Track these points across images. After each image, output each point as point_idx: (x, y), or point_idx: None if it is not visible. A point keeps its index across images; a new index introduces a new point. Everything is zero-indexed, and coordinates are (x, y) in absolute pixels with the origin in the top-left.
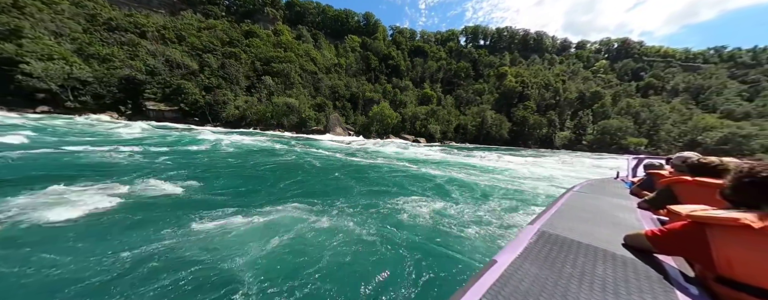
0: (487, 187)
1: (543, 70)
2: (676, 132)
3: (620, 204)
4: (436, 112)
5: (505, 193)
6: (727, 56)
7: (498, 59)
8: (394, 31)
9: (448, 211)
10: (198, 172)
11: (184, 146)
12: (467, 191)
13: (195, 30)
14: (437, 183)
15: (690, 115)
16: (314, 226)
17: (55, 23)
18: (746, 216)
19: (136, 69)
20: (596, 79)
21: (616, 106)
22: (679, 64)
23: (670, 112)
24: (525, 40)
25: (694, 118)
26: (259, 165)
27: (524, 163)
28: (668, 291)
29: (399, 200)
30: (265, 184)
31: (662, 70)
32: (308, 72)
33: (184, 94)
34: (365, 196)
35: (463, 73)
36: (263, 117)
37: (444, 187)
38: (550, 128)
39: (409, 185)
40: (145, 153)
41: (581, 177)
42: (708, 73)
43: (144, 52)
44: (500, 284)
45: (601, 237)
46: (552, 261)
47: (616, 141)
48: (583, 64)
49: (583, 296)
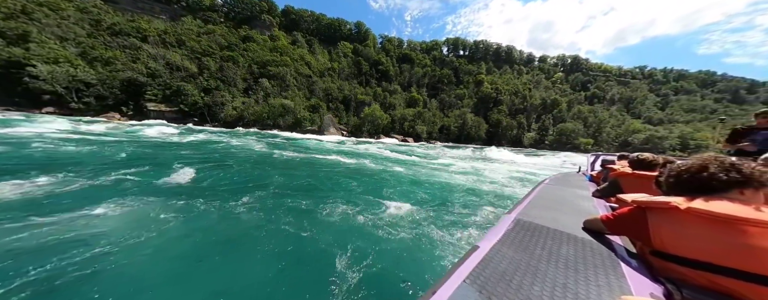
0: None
1: (513, 78)
2: (614, 134)
3: (581, 194)
4: (423, 114)
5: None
6: (647, 74)
7: (476, 68)
8: (384, 39)
9: (430, 204)
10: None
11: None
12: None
13: (195, 35)
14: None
15: (623, 120)
16: (309, 217)
17: (61, 28)
18: (675, 199)
19: (138, 71)
20: (555, 89)
21: (570, 112)
22: (615, 78)
23: (609, 117)
24: (498, 52)
25: (625, 123)
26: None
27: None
28: (616, 265)
29: (397, 193)
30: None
31: (603, 83)
32: (303, 75)
33: (183, 95)
34: (367, 188)
35: (445, 79)
36: (260, 117)
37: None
38: (519, 130)
39: (405, 178)
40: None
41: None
42: (634, 86)
43: (145, 56)
44: (482, 266)
45: (565, 223)
46: (526, 245)
47: (570, 141)
48: (545, 75)
49: (550, 273)
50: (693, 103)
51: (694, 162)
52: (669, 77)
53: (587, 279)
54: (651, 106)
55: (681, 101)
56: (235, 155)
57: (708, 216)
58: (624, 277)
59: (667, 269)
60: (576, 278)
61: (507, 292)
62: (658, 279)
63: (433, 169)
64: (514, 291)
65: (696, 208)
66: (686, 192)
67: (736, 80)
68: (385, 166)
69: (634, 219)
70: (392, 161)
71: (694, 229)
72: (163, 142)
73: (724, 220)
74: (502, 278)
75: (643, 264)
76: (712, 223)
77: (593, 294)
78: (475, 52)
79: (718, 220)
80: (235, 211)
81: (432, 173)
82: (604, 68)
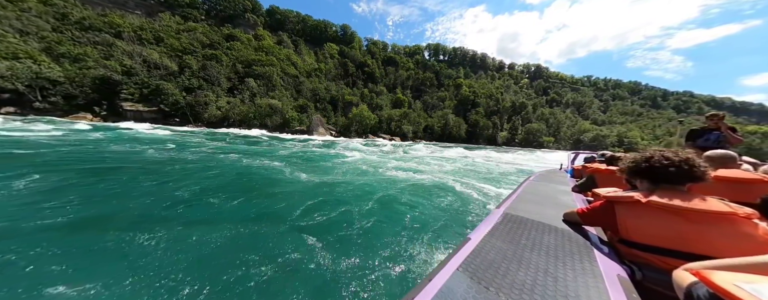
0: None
1: (488, 83)
2: (569, 133)
3: (562, 189)
4: (408, 114)
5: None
6: (592, 82)
7: (455, 72)
8: (369, 42)
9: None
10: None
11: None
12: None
13: (174, 32)
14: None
15: (576, 121)
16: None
17: (21, 21)
18: (637, 194)
19: (112, 69)
20: (522, 93)
21: (535, 114)
22: (569, 85)
23: (565, 119)
24: (474, 58)
25: (578, 123)
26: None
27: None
28: (590, 251)
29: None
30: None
31: (560, 89)
32: (290, 75)
33: (163, 94)
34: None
35: (428, 82)
36: (246, 118)
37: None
38: (494, 129)
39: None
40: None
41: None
42: (584, 93)
43: (120, 53)
44: (473, 256)
45: (547, 215)
46: (513, 236)
47: (536, 139)
48: (513, 81)
49: (533, 260)
50: (626, 107)
51: (654, 154)
52: (608, 86)
53: (565, 264)
54: (596, 110)
55: (617, 106)
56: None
57: (662, 207)
58: (596, 261)
59: (632, 254)
60: (556, 264)
61: (495, 277)
62: (624, 262)
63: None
64: (502, 277)
65: (654, 201)
66: (638, 179)
67: (654, 90)
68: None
69: (605, 211)
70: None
71: (651, 219)
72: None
73: (674, 211)
74: (491, 266)
75: (612, 250)
76: (665, 214)
77: (569, 276)
78: (454, 58)
79: (669, 210)
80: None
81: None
82: (560, 76)
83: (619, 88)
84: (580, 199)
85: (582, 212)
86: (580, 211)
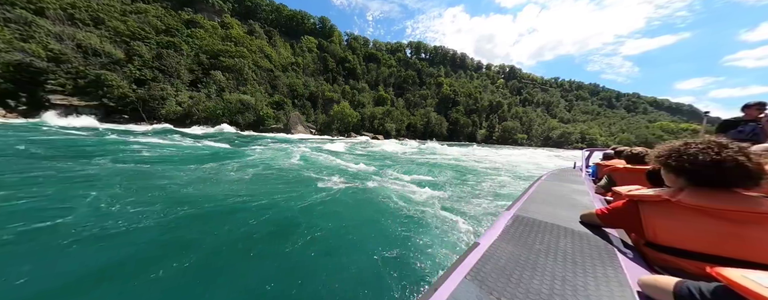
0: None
1: (467, 82)
2: (540, 130)
3: (577, 189)
4: (391, 112)
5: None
6: (559, 84)
7: (436, 71)
8: (350, 37)
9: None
10: None
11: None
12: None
13: (118, 13)
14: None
15: (546, 119)
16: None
17: None
18: (665, 192)
19: (33, 54)
20: (498, 92)
21: (510, 112)
22: (539, 86)
23: (537, 117)
24: (454, 58)
25: (547, 122)
26: None
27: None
28: (612, 256)
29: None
30: None
31: (532, 89)
32: (263, 69)
33: (106, 86)
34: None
35: (410, 80)
36: (213, 114)
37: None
38: (473, 127)
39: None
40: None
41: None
42: (552, 93)
43: (43, 34)
44: (482, 262)
45: (562, 217)
46: (524, 240)
47: (511, 136)
48: (490, 80)
49: (549, 266)
50: (587, 107)
51: (699, 149)
52: (572, 87)
53: (585, 271)
54: (562, 109)
55: (580, 106)
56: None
57: (696, 208)
58: (620, 267)
59: (662, 259)
60: (574, 270)
61: (507, 286)
62: (653, 268)
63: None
64: (514, 285)
65: (685, 201)
66: (675, 176)
67: (609, 91)
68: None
69: (628, 212)
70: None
71: (684, 220)
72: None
73: (712, 210)
74: (502, 273)
75: (638, 255)
76: (701, 214)
77: (591, 285)
78: (435, 56)
79: (705, 211)
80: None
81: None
82: (532, 77)
83: (581, 89)
84: (598, 198)
85: (602, 213)
86: (600, 212)
